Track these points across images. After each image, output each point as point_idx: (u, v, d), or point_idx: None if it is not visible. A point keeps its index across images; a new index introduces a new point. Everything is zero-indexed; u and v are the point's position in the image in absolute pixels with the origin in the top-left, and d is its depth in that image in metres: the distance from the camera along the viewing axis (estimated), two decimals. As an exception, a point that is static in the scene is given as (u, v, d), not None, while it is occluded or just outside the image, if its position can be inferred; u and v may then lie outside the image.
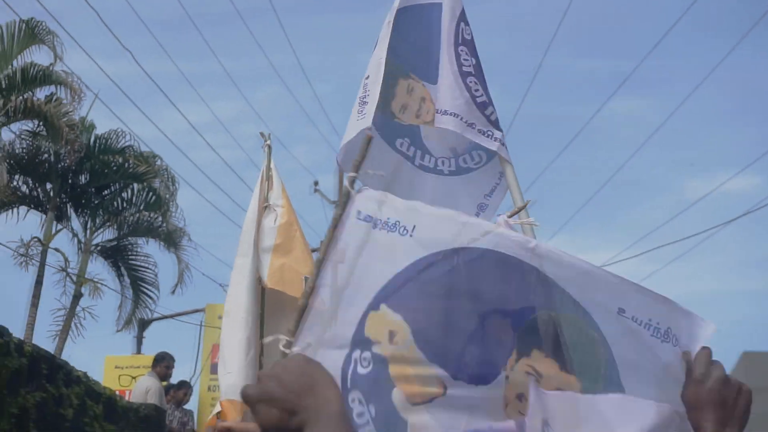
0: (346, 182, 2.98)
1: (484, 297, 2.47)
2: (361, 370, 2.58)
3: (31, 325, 15.54)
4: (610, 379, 2.37)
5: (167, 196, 17.68)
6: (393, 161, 4.22)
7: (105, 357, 16.50)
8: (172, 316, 19.52)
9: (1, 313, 34.75)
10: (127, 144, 17.22)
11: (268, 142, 6.29)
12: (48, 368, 9.07)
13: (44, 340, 16.15)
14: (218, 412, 5.47)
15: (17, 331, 11.74)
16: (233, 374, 5.42)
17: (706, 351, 2.16)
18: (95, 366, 15.92)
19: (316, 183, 25.91)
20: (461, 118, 4.08)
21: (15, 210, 16.49)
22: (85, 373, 10.06)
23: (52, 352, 12.37)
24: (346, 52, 46.85)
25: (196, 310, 18.18)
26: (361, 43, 49.55)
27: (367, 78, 4.12)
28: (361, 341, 2.57)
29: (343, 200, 2.91)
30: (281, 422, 1.47)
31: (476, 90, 4.15)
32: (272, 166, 6.25)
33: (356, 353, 2.59)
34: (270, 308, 5.65)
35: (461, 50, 4.19)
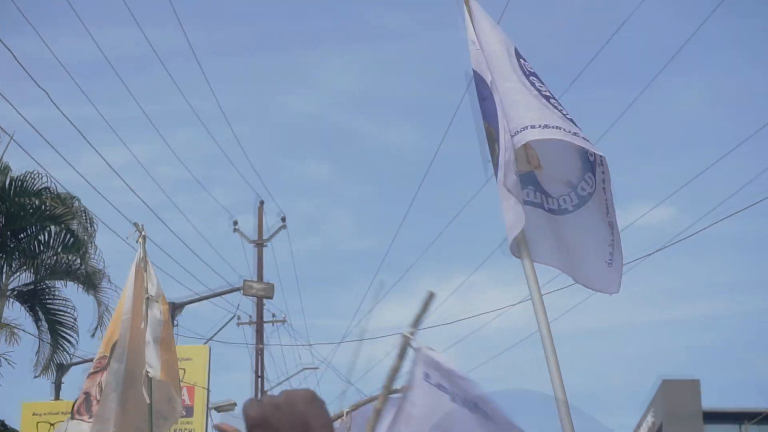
0: (402, 339, 4.05)
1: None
2: None
3: (-56, 374, 15.08)
4: None
5: (85, 237, 17.40)
6: (529, 213, 4.37)
7: (22, 404, 16.07)
8: (91, 360, 19.11)
9: None
10: (43, 186, 16.93)
11: (143, 233, 6.68)
12: (-37, 418, 8.85)
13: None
14: None
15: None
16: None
17: None
18: (13, 414, 15.48)
19: (235, 223, 25.92)
20: (563, 129, 4.30)
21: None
22: (2, 422, 9.84)
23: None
24: (263, 93, 47.11)
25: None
26: (277, 85, 49.83)
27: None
28: None
29: (401, 352, 3.99)
30: None
31: (562, 109, 4.41)
32: (146, 257, 6.72)
33: None
34: (157, 397, 6.51)
35: (532, 80, 4.46)
